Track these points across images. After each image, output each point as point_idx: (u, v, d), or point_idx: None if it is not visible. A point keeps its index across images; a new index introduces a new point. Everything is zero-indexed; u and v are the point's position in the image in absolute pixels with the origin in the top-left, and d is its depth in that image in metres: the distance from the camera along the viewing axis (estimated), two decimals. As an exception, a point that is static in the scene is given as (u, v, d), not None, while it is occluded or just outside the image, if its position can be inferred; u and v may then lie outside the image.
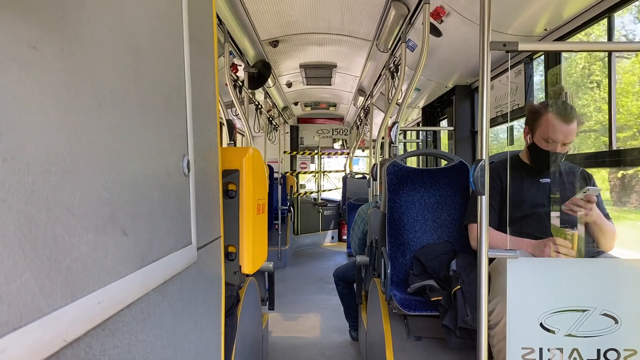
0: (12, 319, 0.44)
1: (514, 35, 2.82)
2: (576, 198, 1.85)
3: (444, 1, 2.84)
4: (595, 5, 2.36)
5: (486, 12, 1.49)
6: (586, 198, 1.84)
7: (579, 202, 1.84)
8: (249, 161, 1.50)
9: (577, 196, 1.85)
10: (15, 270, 0.45)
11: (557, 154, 2.04)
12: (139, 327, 0.73)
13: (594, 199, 1.85)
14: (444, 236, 2.59)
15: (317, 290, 5.52)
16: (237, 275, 1.51)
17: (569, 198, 1.90)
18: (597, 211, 1.92)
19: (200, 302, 1.09)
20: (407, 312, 2.20)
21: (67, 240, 0.53)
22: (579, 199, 1.84)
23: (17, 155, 0.45)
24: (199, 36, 1.11)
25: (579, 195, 1.84)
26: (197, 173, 1.05)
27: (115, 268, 0.65)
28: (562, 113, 2.00)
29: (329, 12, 3.92)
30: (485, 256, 1.51)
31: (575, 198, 1.85)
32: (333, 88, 6.76)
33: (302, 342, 3.89)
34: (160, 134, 0.84)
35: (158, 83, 0.83)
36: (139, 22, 0.76)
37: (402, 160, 2.76)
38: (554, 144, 2.02)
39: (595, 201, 1.87)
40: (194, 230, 1.02)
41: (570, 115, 2.00)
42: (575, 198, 1.85)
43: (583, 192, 1.83)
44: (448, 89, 4.69)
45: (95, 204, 0.59)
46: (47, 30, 0.51)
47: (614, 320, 1.50)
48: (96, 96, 0.60)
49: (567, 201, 1.89)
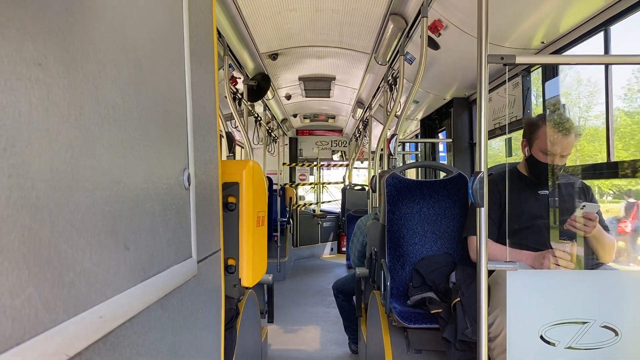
0: (16, 333, 0.44)
1: (511, 48, 2.85)
2: (576, 216, 1.84)
3: (441, 15, 2.87)
4: (591, 18, 2.38)
5: (483, 25, 1.50)
6: (587, 216, 1.83)
7: (579, 220, 1.84)
8: (248, 174, 1.51)
9: (576, 214, 1.84)
10: (19, 285, 0.45)
11: (556, 165, 2.04)
12: (140, 341, 0.74)
13: (594, 217, 1.84)
14: (444, 248, 2.59)
15: (317, 303, 5.50)
16: (236, 288, 1.51)
17: (567, 210, 1.90)
18: (597, 226, 1.92)
19: (200, 316, 1.09)
20: (407, 324, 2.19)
21: (70, 255, 0.53)
22: (579, 217, 1.83)
23: (22, 172, 0.46)
24: (199, 51, 1.12)
25: (577, 213, 1.83)
26: (197, 186, 1.05)
27: (116, 282, 0.65)
28: (560, 125, 2.01)
29: (328, 25, 3.96)
30: (485, 268, 1.51)
31: (574, 216, 1.85)
32: (332, 100, 6.79)
33: (301, 355, 3.86)
34: (161, 148, 0.84)
35: (159, 98, 0.84)
36: (140, 38, 0.77)
37: (401, 172, 2.77)
38: (552, 156, 2.03)
39: (596, 218, 1.86)
40: (194, 243, 1.02)
41: (567, 127, 2.01)
42: (574, 216, 1.85)
43: (580, 209, 1.83)
44: (446, 101, 4.72)
45: (97, 218, 0.60)
46: (51, 48, 0.51)
47: (614, 333, 1.49)
48: (99, 112, 0.61)
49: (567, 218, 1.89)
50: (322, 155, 9.59)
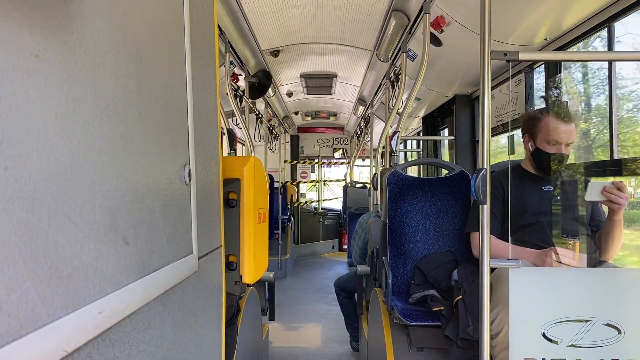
0: (12, 328, 0.44)
1: (514, 45, 2.83)
2: (609, 187, 1.79)
3: (444, 11, 2.86)
4: (595, 15, 2.37)
5: (487, 21, 1.49)
6: (617, 185, 1.79)
7: (613, 190, 1.79)
8: (250, 170, 1.50)
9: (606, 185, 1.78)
10: (15, 279, 0.44)
11: (563, 155, 2.05)
12: (139, 338, 0.73)
13: (624, 186, 1.81)
14: (446, 246, 2.58)
15: (318, 300, 5.50)
16: (237, 285, 1.51)
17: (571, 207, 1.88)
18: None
19: (201, 312, 1.08)
20: (408, 322, 2.18)
21: (68, 249, 0.53)
22: (610, 187, 1.79)
23: (19, 164, 0.45)
24: (200, 45, 1.11)
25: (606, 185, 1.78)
26: (198, 182, 1.04)
27: (116, 277, 0.64)
28: (561, 114, 2.03)
29: (330, 22, 3.94)
30: (487, 266, 1.50)
31: (608, 186, 1.79)
32: (333, 97, 6.78)
33: (302, 353, 3.86)
34: (162, 142, 0.83)
35: (159, 92, 0.83)
36: (140, 32, 0.76)
37: (403, 169, 2.76)
38: (557, 145, 2.04)
39: (626, 188, 1.82)
40: (194, 239, 1.01)
41: (568, 115, 2.03)
42: (608, 186, 1.79)
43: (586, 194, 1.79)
44: (448, 98, 4.70)
45: (96, 212, 0.59)
46: (49, 39, 0.51)
47: (617, 331, 1.48)
48: (98, 105, 0.60)
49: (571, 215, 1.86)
50: (324, 153, 9.59)
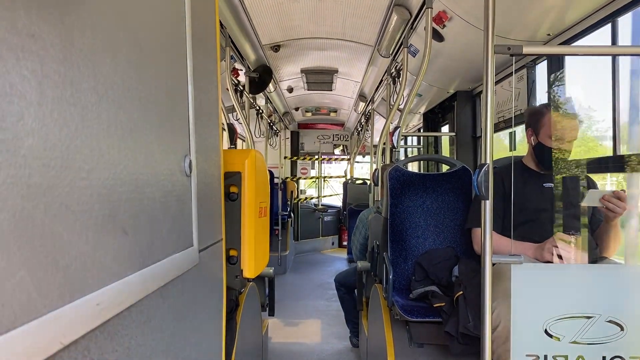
0: (6, 319, 0.42)
1: (516, 40, 2.81)
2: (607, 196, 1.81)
3: (446, 6, 2.84)
4: (599, 10, 2.35)
5: (490, 15, 1.47)
6: (616, 195, 1.80)
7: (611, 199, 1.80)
8: (251, 163, 1.48)
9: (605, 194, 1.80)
10: (10, 268, 0.42)
11: (564, 150, 2.05)
12: (138, 331, 0.71)
13: (624, 196, 1.82)
14: (446, 242, 2.57)
15: (317, 296, 5.49)
16: (238, 279, 1.49)
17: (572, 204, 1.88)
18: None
19: (201, 306, 1.07)
20: (409, 318, 2.17)
21: (65, 238, 0.51)
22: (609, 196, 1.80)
23: (12, 147, 0.43)
24: (201, 36, 1.10)
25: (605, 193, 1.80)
26: (199, 174, 1.03)
27: (114, 268, 0.63)
28: (564, 109, 2.04)
29: (331, 17, 3.92)
30: (489, 262, 1.49)
31: (607, 195, 1.81)
32: (334, 93, 6.75)
33: (302, 349, 3.85)
34: (162, 132, 0.82)
35: (160, 81, 0.81)
36: (141, 19, 0.74)
37: (404, 165, 2.74)
38: (560, 140, 2.04)
39: (625, 199, 1.83)
40: (195, 232, 1.00)
41: (572, 111, 2.04)
42: (607, 195, 1.81)
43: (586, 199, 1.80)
44: (449, 94, 4.68)
45: (94, 201, 0.57)
46: (46, 19, 0.49)
47: (620, 327, 1.47)
48: (96, 90, 0.59)
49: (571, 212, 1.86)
50: (324, 149, 9.57)
